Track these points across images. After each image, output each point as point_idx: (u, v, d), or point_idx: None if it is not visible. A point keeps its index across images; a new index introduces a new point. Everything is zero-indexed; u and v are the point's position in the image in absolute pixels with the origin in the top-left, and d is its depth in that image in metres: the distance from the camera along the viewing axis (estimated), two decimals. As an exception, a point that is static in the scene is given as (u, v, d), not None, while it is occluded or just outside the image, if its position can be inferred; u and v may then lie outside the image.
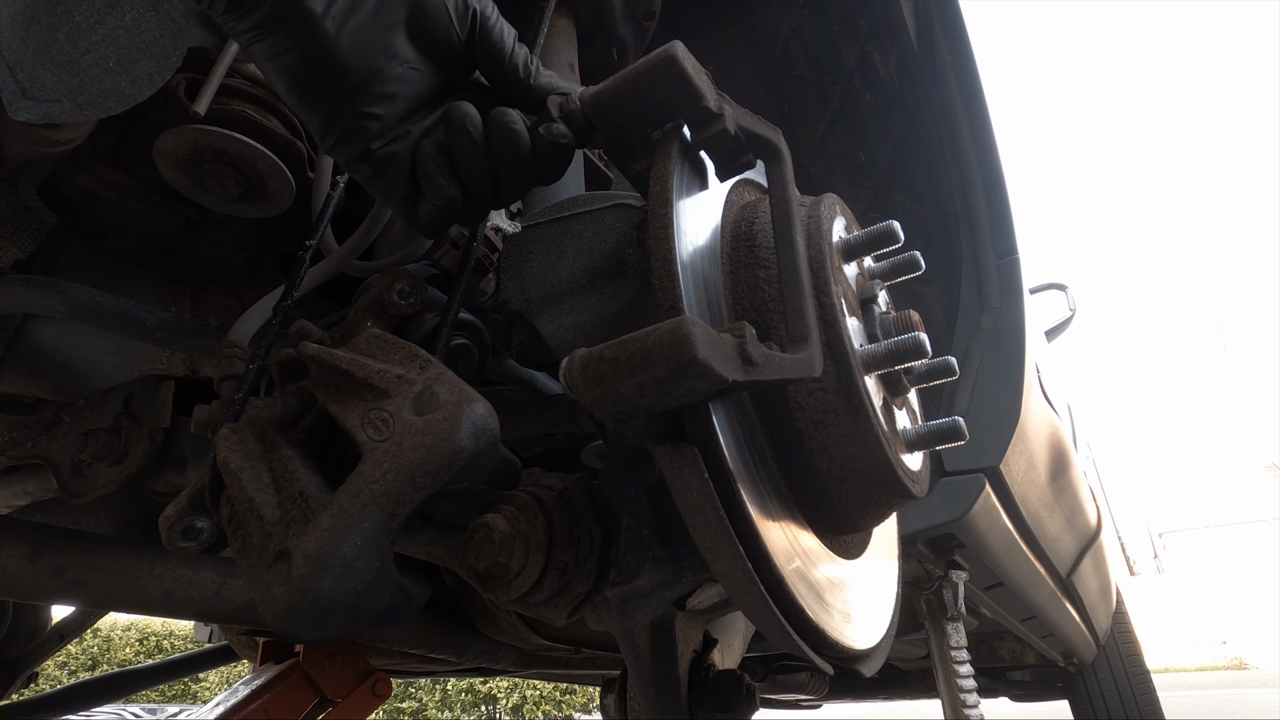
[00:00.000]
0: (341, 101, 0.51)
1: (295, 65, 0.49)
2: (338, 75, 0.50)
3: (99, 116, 0.59)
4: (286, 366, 0.51)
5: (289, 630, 0.39)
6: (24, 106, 0.54)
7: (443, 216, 0.55)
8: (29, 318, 0.87)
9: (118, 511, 1.22)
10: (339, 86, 0.50)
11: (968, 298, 1.32)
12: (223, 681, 12.03)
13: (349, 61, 0.50)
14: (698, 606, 0.60)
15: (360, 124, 0.52)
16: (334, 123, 0.51)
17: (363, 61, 0.50)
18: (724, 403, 0.46)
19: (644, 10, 1.04)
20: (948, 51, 1.30)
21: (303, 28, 0.48)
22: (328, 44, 0.49)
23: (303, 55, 0.49)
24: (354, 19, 0.49)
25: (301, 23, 0.48)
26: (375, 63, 0.51)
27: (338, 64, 0.49)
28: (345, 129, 0.52)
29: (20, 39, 0.54)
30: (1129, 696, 2.76)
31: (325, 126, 0.52)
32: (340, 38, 0.49)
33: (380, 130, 0.52)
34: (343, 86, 0.50)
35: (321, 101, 0.51)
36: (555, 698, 12.68)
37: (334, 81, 0.50)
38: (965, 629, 1.46)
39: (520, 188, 0.56)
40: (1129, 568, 17.19)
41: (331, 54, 0.49)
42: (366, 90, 0.51)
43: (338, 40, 0.49)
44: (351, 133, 0.52)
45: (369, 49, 0.50)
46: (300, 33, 0.48)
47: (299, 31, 0.48)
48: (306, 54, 0.49)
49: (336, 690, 1.29)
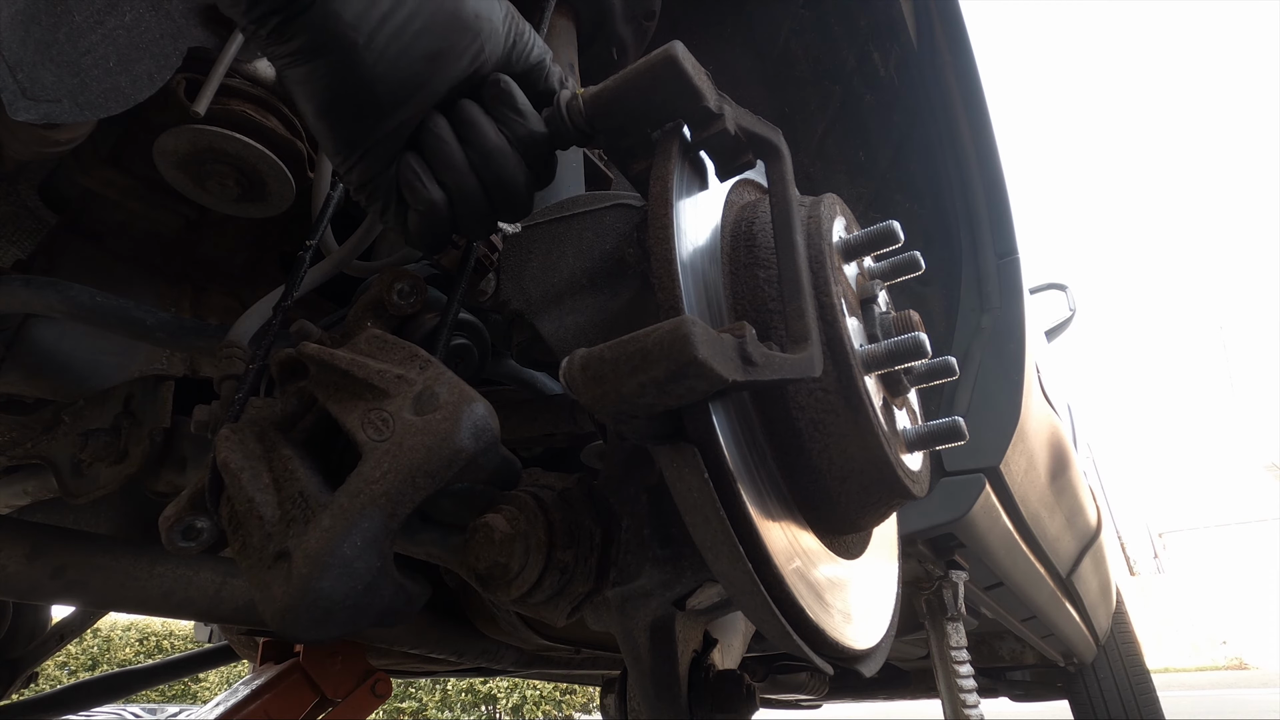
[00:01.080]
0: (367, 130, 0.50)
1: (327, 92, 0.48)
2: (370, 105, 0.49)
3: (99, 116, 0.59)
4: (286, 366, 0.51)
5: (289, 630, 0.39)
6: (24, 106, 0.54)
7: (431, 225, 0.54)
8: (29, 318, 0.87)
9: (118, 511, 1.21)
10: (369, 116, 0.49)
11: (968, 298, 1.32)
12: (223, 681, 12.03)
13: (382, 93, 0.49)
14: (698, 606, 0.60)
15: (380, 151, 0.51)
16: (354, 149, 0.51)
17: (396, 93, 0.49)
18: (724, 403, 0.46)
19: (644, 10, 1.04)
20: (948, 51, 1.30)
21: (342, 58, 0.47)
22: (365, 74, 0.48)
23: (337, 83, 0.48)
24: (393, 48, 0.48)
25: (341, 53, 0.47)
26: (407, 93, 0.50)
27: (371, 95, 0.49)
28: (364, 154, 0.51)
29: (20, 39, 0.54)
30: (1129, 696, 2.76)
31: (345, 151, 0.51)
32: (378, 67, 0.48)
33: (395, 155, 0.52)
34: (372, 116, 0.49)
35: (347, 129, 0.50)
36: (555, 698, 12.68)
37: (365, 112, 0.49)
38: (965, 629, 1.46)
39: (509, 189, 0.54)
40: (1129, 568, 17.19)
41: (367, 84, 0.48)
42: (393, 118, 0.50)
43: (375, 70, 0.48)
44: (368, 159, 0.51)
45: (404, 80, 0.49)
46: (338, 62, 0.47)
47: (337, 61, 0.47)
48: (341, 83, 0.48)
49: (336, 690, 1.29)
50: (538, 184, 0.58)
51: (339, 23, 0.46)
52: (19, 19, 0.54)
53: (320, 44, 0.46)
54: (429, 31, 0.49)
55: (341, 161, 0.52)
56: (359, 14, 0.46)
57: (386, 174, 0.52)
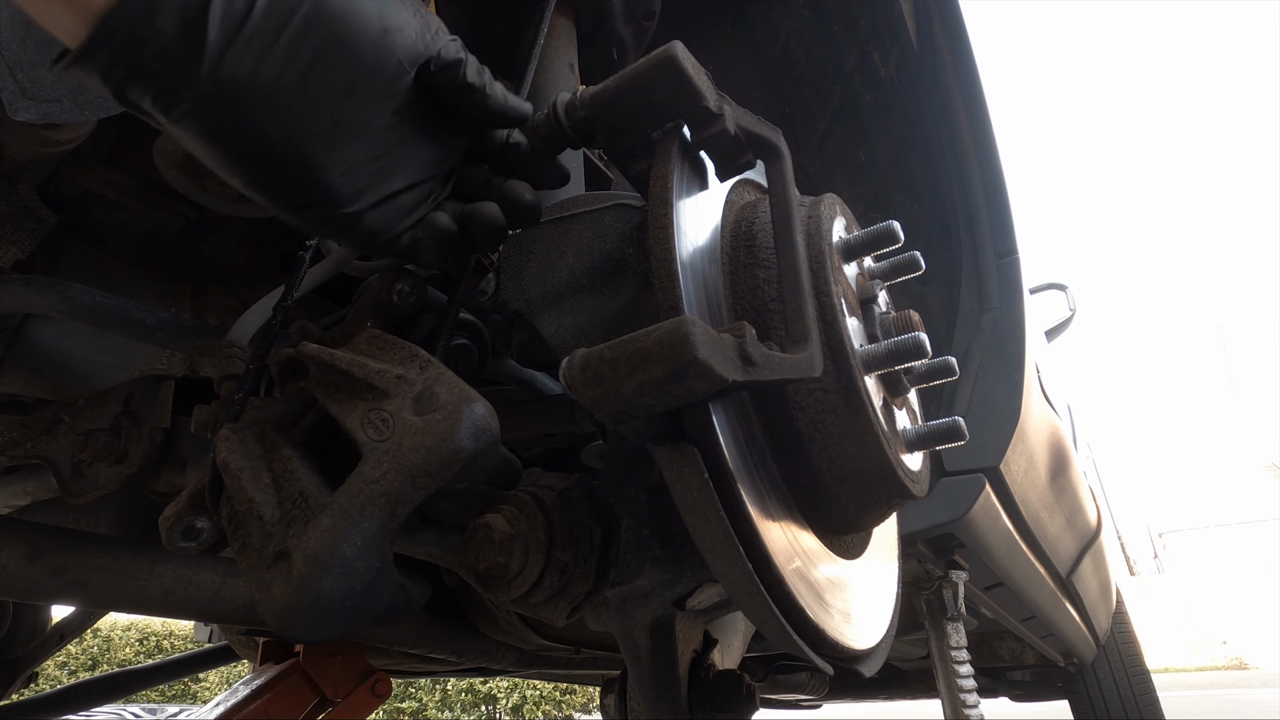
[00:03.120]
0: (315, 184, 0.45)
1: (251, 160, 0.43)
2: (305, 158, 0.44)
3: (99, 116, 0.59)
4: (286, 366, 0.51)
5: (289, 630, 0.39)
6: (24, 106, 0.54)
7: (447, 249, 0.52)
8: (29, 318, 0.87)
9: (118, 511, 1.22)
10: (311, 168, 0.44)
11: (968, 298, 1.32)
12: (223, 681, 12.03)
13: (312, 141, 0.43)
14: (698, 606, 0.60)
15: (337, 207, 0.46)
16: (307, 209, 0.47)
17: (326, 137, 0.44)
18: (724, 403, 0.46)
19: (644, 10, 1.04)
20: (948, 51, 1.30)
21: (251, 122, 0.41)
22: (284, 129, 0.42)
23: (259, 149, 0.43)
24: (306, 94, 0.42)
25: (250, 118, 0.41)
26: (338, 132, 0.44)
27: (301, 146, 0.43)
28: (320, 211, 0.47)
29: (20, 39, 0.54)
30: (1129, 696, 2.76)
31: (298, 215, 0.47)
32: (294, 118, 0.42)
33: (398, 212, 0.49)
34: (314, 167, 0.44)
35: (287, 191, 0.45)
36: (555, 698, 12.68)
37: (302, 165, 0.44)
38: (965, 629, 1.46)
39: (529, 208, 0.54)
40: (1129, 568, 17.19)
41: (291, 138, 0.42)
42: (336, 162, 0.45)
43: (294, 122, 0.42)
44: (326, 216, 0.47)
45: (331, 121, 0.44)
46: (250, 127, 0.41)
47: (249, 127, 0.41)
48: (266, 147, 0.43)
49: (336, 690, 1.29)
50: (552, 185, 0.58)
51: (231, 86, 0.40)
52: (19, 19, 0.54)
53: (218, 115, 0.41)
54: (338, 67, 0.43)
55: (302, 223, 0.48)
56: (253, 71, 0.40)
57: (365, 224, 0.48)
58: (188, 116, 0.41)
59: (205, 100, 0.40)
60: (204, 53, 0.38)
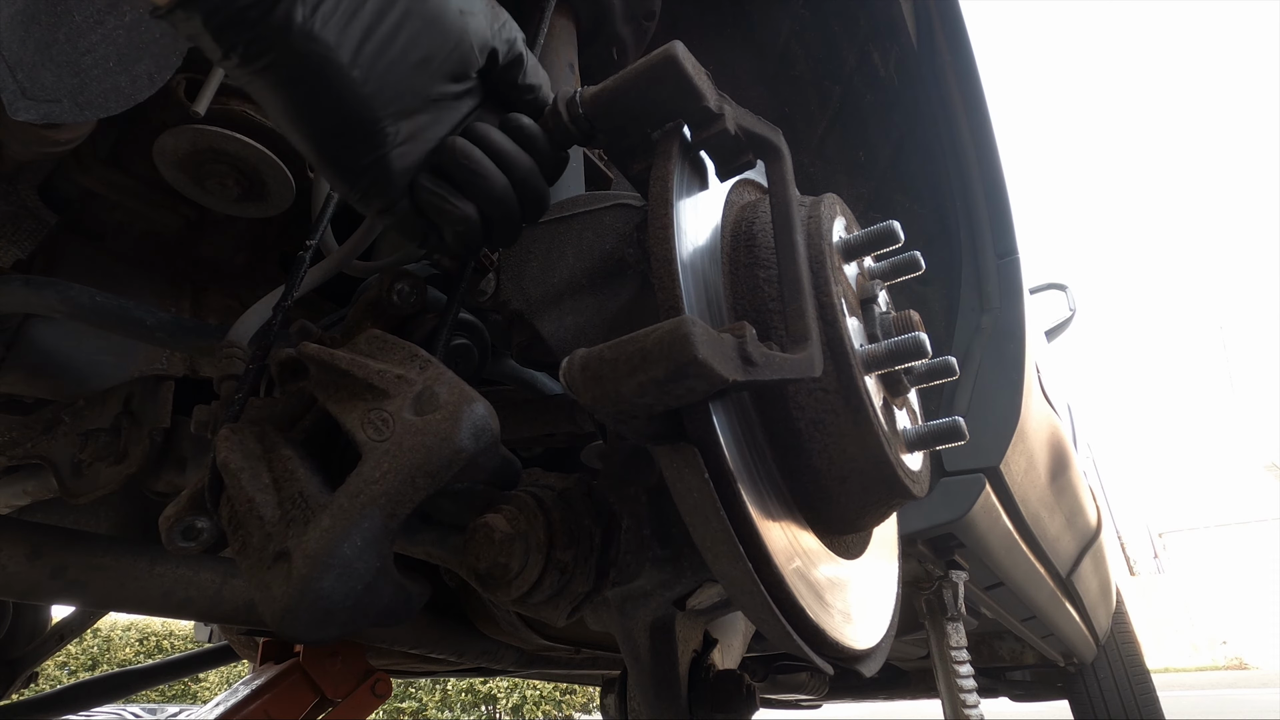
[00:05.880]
0: (371, 153, 0.47)
1: (319, 122, 0.45)
2: (369, 127, 0.45)
3: (99, 116, 0.59)
4: (286, 366, 0.51)
5: (289, 630, 0.39)
6: (24, 106, 0.54)
7: (466, 239, 0.52)
8: (29, 318, 0.87)
9: (118, 511, 1.21)
10: (370, 139, 0.46)
11: (968, 298, 1.32)
12: (223, 681, 12.03)
13: (379, 111, 0.45)
14: (698, 606, 0.60)
15: (392, 173, 0.48)
16: (361, 176, 0.48)
17: (392, 108, 0.46)
18: (724, 403, 0.46)
19: (644, 10, 1.04)
20: (948, 51, 1.30)
21: (328, 83, 0.43)
22: (356, 95, 0.44)
23: (328, 110, 0.44)
24: (381, 62, 0.44)
25: (326, 78, 0.43)
26: (404, 107, 0.46)
27: (368, 115, 0.45)
28: (374, 180, 0.48)
29: (20, 39, 0.54)
30: (1129, 696, 2.76)
31: (352, 180, 0.48)
32: (368, 86, 0.44)
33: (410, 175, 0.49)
34: (374, 138, 0.46)
35: (349, 157, 0.47)
36: (555, 698, 12.68)
37: (364, 135, 0.46)
38: (965, 629, 1.46)
39: (538, 195, 0.54)
40: (1129, 568, 17.19)
41: (360, 106, 0.44)
42: (396, 135, 0.47)
43: (365, 90, 0.44)
44: (380, 184, 0.48)
45: (399, 94, 0.46)
46: (324, 88, 0.43)
47: (323, 87, 0.43)
48: (333, 109, 0.44)
49: (336, 690, 1.29)
50: (556, 177, 0.58)
51: (317, 44, 0.42)
52: (19, 19, 0.54)
53: (299, 71, 0.42)
54: (417, 39, 0.46)
55: (351, 191, 0.49)
56: (339, 31, 0.42)
57: (405, 197, 0.50)
58: (271, 68, 0.43)
59: (290, 53, 0.42)
60: (297, 7, 0.41)
